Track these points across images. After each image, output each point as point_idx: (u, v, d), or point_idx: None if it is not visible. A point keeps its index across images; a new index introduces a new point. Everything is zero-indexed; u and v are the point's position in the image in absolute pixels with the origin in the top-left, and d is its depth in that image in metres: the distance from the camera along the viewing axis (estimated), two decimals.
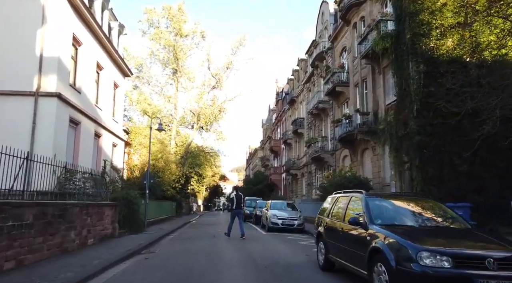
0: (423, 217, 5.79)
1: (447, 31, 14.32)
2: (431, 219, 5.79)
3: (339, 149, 23.78)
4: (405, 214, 5.78)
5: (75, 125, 15.80)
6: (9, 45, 13.45)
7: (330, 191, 18.57)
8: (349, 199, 6.56)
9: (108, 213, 11.50)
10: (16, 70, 13.39)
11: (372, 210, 5.61)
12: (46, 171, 8.62)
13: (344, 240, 6.12)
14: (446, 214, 5.90)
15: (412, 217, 5.72)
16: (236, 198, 14.08)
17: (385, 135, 16.33)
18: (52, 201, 8.10)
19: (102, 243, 10.41)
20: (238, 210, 14.05)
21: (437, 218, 5.83)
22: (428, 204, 6.23)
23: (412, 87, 14.32)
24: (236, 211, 14.06)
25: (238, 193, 14.40)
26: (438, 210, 6.05)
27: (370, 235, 5.21)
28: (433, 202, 6.30)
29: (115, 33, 21.55)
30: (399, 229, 5.07)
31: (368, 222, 5.42)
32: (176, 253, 9.65)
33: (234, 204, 14.09)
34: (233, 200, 14.25)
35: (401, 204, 6.14)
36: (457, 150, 13.42)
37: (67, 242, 8.37)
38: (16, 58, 13.45)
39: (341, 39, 23.72)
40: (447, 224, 5.68)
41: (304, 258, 9.18)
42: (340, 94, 22.99)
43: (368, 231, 5.31)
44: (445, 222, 5.72)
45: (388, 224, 5.35)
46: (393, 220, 5.53)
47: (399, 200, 6.44)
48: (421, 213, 5.89)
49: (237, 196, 14.21)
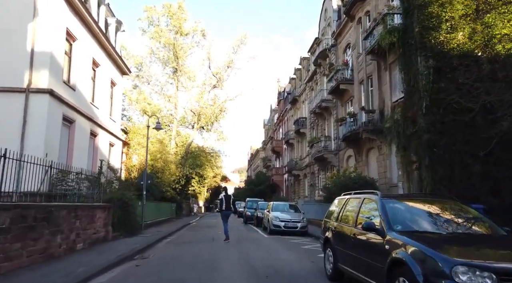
0: (449, 222, 5.05)
1: (457, 24, 13.64)
2: (458, 224, 5.04)
3: (343, 149, 23.09)
4: (428, 218, 5.06)
5: (69, 124, 15.18)
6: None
7: (334, 192, 17.92)
8: (361, 201, 5.85)
9: (101, 215, 10.86)
10: (5, 66, 12.78)
11: (390, 214, 4.89)
12: (36, 171, 8.04)
13: (357, 248, 5.44)
14: (475, 217, 5.17)
15: (436, 221, 4.99)
16: (225, 199, 13.60)
17: (391, 134, 15.65)
18: (35, 203, 7.47)
19: (93, 247, 9.77)
20: (228, 212, 13.61)
21: (465, 222, 5.08)
22: (452, 206, 5.49)
23: (421, 83, 13.64)
24: (225, 212, 13.61)
25: (227, 194, 13.94)
26: (464, 213, 5.31)
27: (389, 243, 4.50)
28: (458, 204, 5.57)
29: (112, 29, 20.95)
30: (424, 237, 4.36)
31: (386, 227, 4.71)
32: (171, 259, 8.99)
33: (223, 205, 13.62)
34: (222, 200, 13.77)
35: (422, 206, 5.39)
36: (469, 149, 12.75)
37: (52, 247, 7.73)
38: (5, 53, 12.84)
39: (345, 35, 23.05)
40: (478, 230, 4.95)
41: (309, 265, 8.47)
42: (344, 92, 22.31)
43: (386, 238, 4.60)
44: (476, 228, 4.98)
45: (410, 230, 4.66)
46: (415, 226, 4.83)
47: (418, 201, 5.70)
48: (446, 217, 5.15)
49: (226, 196, 13.72)
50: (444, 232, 4.74)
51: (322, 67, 27.66)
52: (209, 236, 15.67)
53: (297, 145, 38.21)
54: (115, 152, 21.46)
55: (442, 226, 4.92)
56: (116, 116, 22.12)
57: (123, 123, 28.26)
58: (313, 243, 13.39)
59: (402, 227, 4.72)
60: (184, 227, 21.71)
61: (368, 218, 5.24)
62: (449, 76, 13.04)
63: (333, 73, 22.79)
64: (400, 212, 5.12)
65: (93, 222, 10.25)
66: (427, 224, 4.92)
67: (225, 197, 13.73)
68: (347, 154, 22.46)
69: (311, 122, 31.84)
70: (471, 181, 12.60)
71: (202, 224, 26.17)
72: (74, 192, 10.62)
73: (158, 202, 23.36)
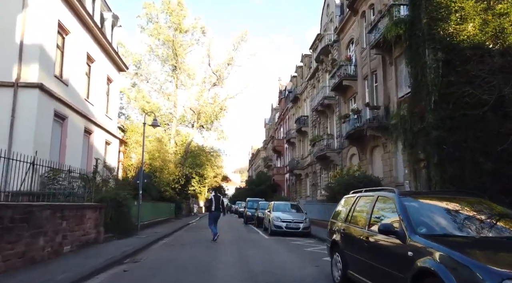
0: (481, 223, 4.28)
1: (467, 15, 12.99)
2: (491, 225, 4.26)
3: (346, 147, 22.44)
4: (454, 218, 4.34)
5: (61, 121, 14.57)
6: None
7: (338, 191, 17.28)
8: (375, 199, 5.14)
9: (91, 215, 10.23)
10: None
11: (412, 214, 4.18)
12: (23, 169, 7.47)
13: (371, 253, 4.74)
14: (508, 217, 4.43)
15: (465, 223, 4.25)
16: (215, 199, 13.30)
17: (397, 131, 15.02)
18: (11, 202, 6.85)
19: (81, 250, 9.15)
20: (217, 213, 13.26)
21: (501, 224, 4.31)
22: (481, 204, 4.75)
23: (429, 77, 13.00)
24: (215, 213, 13.26)
25: (216, 194, 13.68)
26: (495, 212, 4.56)
27: (412, 249, 3.81)
28: (486, 201, 4.83)
29: (109, 24, 20.33)
30: (456, 242, 3.68)
31: (408, 230, 4.00)
32: (164, 263, 8.35)
33: (212, 205, 13.29)
34: (211, 201, 13.44)
35: (446, 204, 4.62)
36: (480, 146, 12.12)
37: (34, 250, 7.10)
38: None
39: (348, 30, 22.39)
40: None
41: (313, 271, 7.74)
42: (347, 88, 21.65)
43: (409, 242, 3.91)
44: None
45: (437, 233, 3.96)
46: (442, 228, 4.13)
47: (441, 199, 4.93)
48: (475, 217, 4.39)
49: (215, 196, 13.43)
50: (476, 236, 4.04)
51: (324, 64, 27.01)
52: (208, 237, 14.98)
53: (298, 144, 37.59)
54: (111, 151, 20.85)
55: (473, 228, 4.19)
56: (113, 114, 21.51)
57: (120, 122, 27.60)
58: (316, 245, 12.74)
59: (426, 229, 4.03)
60: (183, 227, 21.08)
61: (382, 219, 4.55)
62: (459, 69, 12.43)
63: (335, 69, 22.15)
64: (422, 212, 4.42)
65: (82, 223, 9.63)
66: (454, 225, 4.21)
67: (215, 198, 13.43)
68: (351, 152, 21.82)
69: (313, 120, 31.20)
70: (483, 180, 11.98)
71: (202, 225, 25.44)
72: (61, 191, 10.00)
73: (156, 202, 22.73)
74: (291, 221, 16.26)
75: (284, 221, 16.21)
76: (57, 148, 14.28)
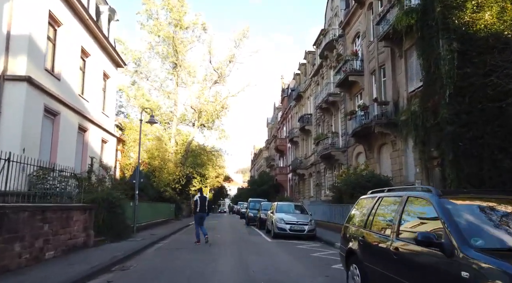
0: None
1: (484, 2, 12.13)
2: None
3: (352, 145, 21.58)
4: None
5: (52, 117, 13.82)
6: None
7: (344, 191, 16.45)
8: (404, 200, 4.19)
9: (79, 217, 9.44)
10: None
11: (460, 221, 3.29)
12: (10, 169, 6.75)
13: (402, 269, 3.82)
14: None
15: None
16: (200, 200, 12.93)
17: (408, 127, 14.18)
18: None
19: (67, 256, 8.36)
20: (202, 214, 12.84)
21: None
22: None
23: (443, 69, 12.16)
24: (200, 214, 12.83)
25: (202, 195, 13.28)
26: None
27: (468, 268, 2.92)
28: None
29: (105, 18, 19.56)
30: None
31: (458, 243, 3.11)
32: (155, 272, 7.54)
33: (198, 207, 12.94)
34: (196, 202, 13.11)
35: (502, 207, 3.67)
36: (498, 142, 11.29)
37: (7, 258, 6.31)
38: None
39: (354, 24, 21.54)
40: None
41: (323, 282, 6.90)
42: (353, 84, 20.80)
43: (460, 259, 3.03)
44: None
45: (500, 247, 3.09)
46: (504, 240, 3.22)
47: (492, 201, 3.90)
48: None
49: (201, 198, 13.05)
50: None
51: (329, 60, 26.17)
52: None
53: (301, 143, 36.77)
54: (108, 149, 20.08)
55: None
56: (110, 111, 20.73)
57: (118, 120, 26.86)
58: (323, 249, 11.91)
59: (484, 241, 3.12)
60: (182, 229, 20.27)
61: (416, 226, 3.63)
62: (476, 60, 11.60)
63: (341, 64, 21.30)
64: (473, 218, 3.47)
65: (69, 225, 8.83)
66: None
67: (200, 198, 13.03)
68: (357, 151, 20.96)
69: (316, 118, 30.35)
70: (502, 178, 11.13)
71: None
72: (49, 191, 9.24)
73: (155, 202, 21.94)
74: (295, 223, 15.41)
75: (288, 223, 15.36)
76: (48, 145, 13.54)
